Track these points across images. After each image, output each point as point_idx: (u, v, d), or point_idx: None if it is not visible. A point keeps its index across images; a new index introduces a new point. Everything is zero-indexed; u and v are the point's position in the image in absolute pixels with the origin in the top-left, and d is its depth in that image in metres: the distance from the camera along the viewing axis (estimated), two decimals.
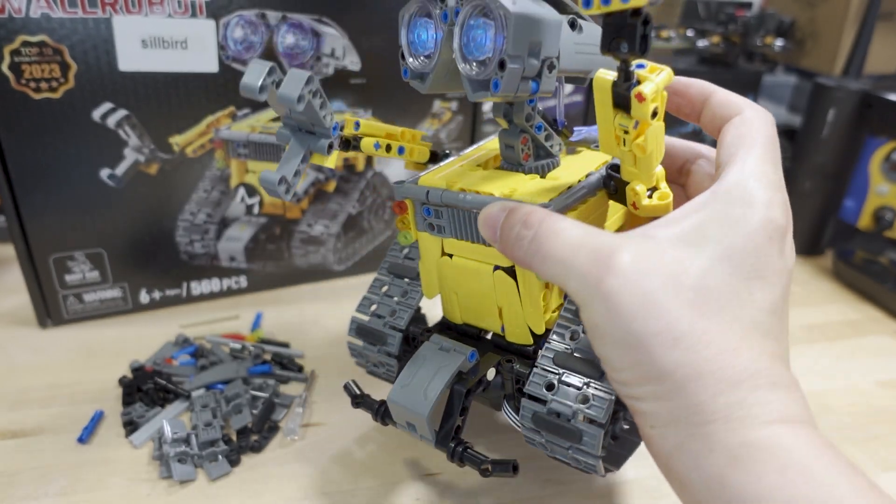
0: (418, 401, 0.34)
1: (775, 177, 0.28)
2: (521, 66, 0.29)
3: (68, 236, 0.54)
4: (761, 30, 0.82)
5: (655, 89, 0.27)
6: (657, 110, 0.27)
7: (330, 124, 0.33)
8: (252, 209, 0.60)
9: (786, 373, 0.25)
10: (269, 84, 0.31)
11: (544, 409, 0.32)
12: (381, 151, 0.38)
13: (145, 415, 0.45)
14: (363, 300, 0.42)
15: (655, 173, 0.30)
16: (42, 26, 0.47)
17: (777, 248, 0.27)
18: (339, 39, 0.56)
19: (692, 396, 0.24)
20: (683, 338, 0.25)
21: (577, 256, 0.27)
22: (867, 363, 0.57)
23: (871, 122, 0.69)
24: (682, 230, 0.27)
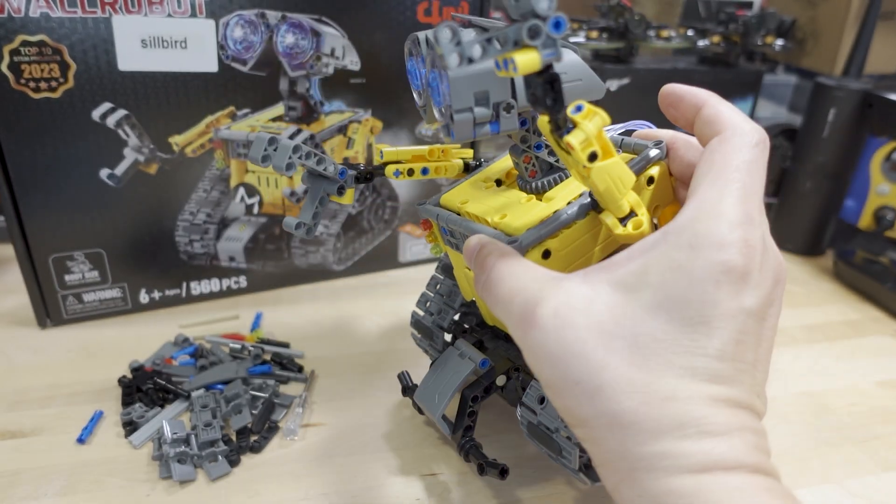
0: (432, 403, 0.39)
1: (738, 213, 0.26)
2: (469, 115, 0.30)
3: (68, 236, 0.54)
4: (762, 29, 0.82)
5: (584, 139, 0.27)
6: (596, 153, 0.28)
7: (334, 173, 0.37)
8: (252, 209, 0.60)
9: (732, 418, 0.24)
10: (271, 154, 0.36)
11: (535, 419, 0.34)
12: (403, 177, 0.40)
13: (145, 415, 0.45)
14: (421, 295, 0.46)
15: (626, 202, 0.30)
16: (41, 26, 0.47)
17: (728, 292, 0.25)
18: (338, 39, 0.56)
19: (616, 444, 0.24)
20: (604, 388, 0.24)
21: (511, 305, 0.27)
22: (867, 363, 0.57)
23: (872, 122, 0.69)
24: (621, 274, 0.26)
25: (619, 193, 0.30)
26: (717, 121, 0.29)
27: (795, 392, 0.52)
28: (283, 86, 0.56)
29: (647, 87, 0.77)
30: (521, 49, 0.24)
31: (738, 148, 0.27)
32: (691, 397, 0.24)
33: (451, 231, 0.38)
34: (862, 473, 0.44)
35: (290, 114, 0.57)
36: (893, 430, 0.48)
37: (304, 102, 0.57)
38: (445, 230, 0.38)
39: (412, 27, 0.58)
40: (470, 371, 0.39)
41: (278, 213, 0.61)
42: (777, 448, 0.46)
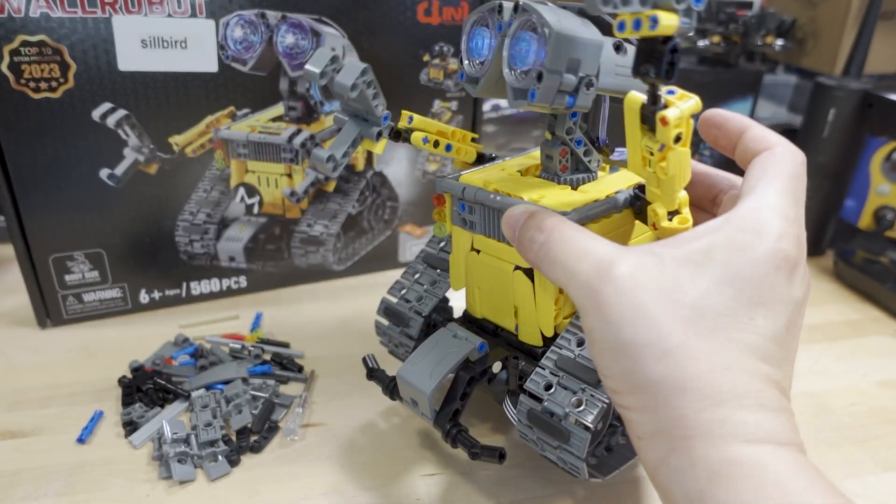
0: (423, 379, 0.37)
1: (792, 211, 0.28)
2: (558, 79, 0.31)
3: (68, 236, 0.54)
4: (762, 29, 0.82)
5: (679, 115, 0.28)
6: (681, 135, 0.28)
7: (381, 114, 0.37)
8: (252, 209, 0.60)
9: (779, 397, 0.25)
10: (329, 71, 0.35)
11: (540, 406, 0.33)
12: (430, 146, 0.40)
13: (145, 415, 0.45)
14: (395, 283, 0.45)
15: (678, 197, 0.31)
16: (41, 26, 0.47)
17: (784, 279, 0.27)
18: (338, 39, 0.56)
19: (676, 409, 0.25)
20: (672, 351, 0.25)
21: (579, 264, 0.28)
22: (867, 363, 0.56)
23: (872, 122, 0.69)
24: (688, 250, 0.27)
25: (678, 185, 0.31)
26: (767, 139, 0.31)
27: (795, 392, 0.52)
28: (283, 86, 0.56)
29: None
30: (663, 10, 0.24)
31: (789, 160, 0.30)
32: (749, 371, 0.25)
33: (472, 208, 0.37)
34: (862, 473, 0.44)
35: (290, 114, 0.57)
36: (893, 430, 0.48)
37: (304, 102, 0.57)
38: (464, 207, 0.38)
39: (412, 27, 0.58)
40: (467, 352, 0.37)
41: (278, 213, 0.61)
42: None
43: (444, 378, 0.37)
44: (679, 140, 0.28)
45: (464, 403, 0.38)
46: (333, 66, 0.35)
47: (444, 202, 0.40)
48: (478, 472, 0.42)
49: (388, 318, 0.45)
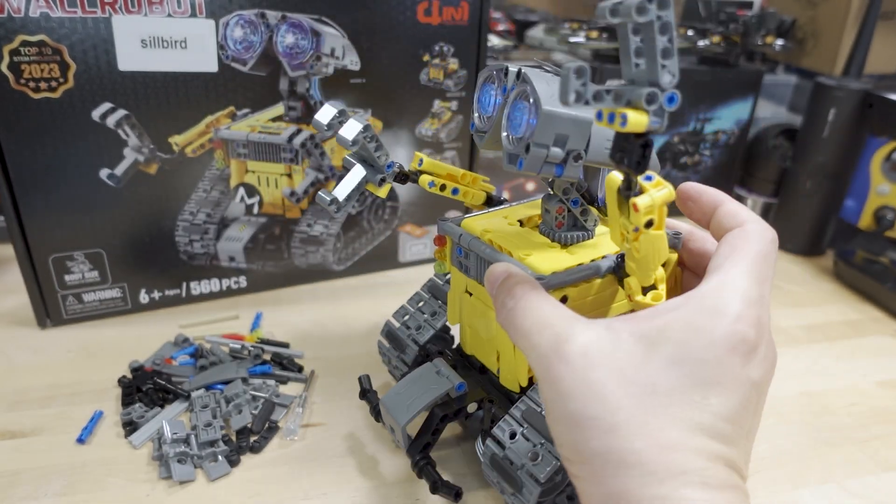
0: (401, 411, 0.39)
1: (755, 292, 0.28)
2: (544, 152, 0.32)
3: (68, 236, 0.54)
4: (762, 29, 0.82)
5: (650, 203, 0.29)
6: (653, 221, 0.29)
7: (384, 163, 0.40)
8: (251, 209, 0.60)
9: (728, 475, 0.26)
10: (335, 123, 0.39)
11: (502, 453, 0.35)
12: (436, 189, 0.42)
13: (145, 415, 0.45)
14: (400, 308, 0.48)
15: (654, 275, 0.32)
16: (41, 26, 0.47)
17: (740, 360, 0.27)
18: (338, 39, 0.56)
19: (620, 483, 0.25)
20: (619, 426, 0.25)
21: (538, 337, 0.29)
22: (867, 363, 0.57)
23: (872, 122, 0.69)
24: (646, 327, 0.28)
25: (654, 265, 0.32)
26: (738, 215, 0.32)
27: (795, 392, 0.52)
28: (283, 86, 0.56)
29: None
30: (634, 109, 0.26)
31: (758, 239, 0.31)
32: (696, 449, 0.25)
33: (468, 254, 0.39)
34: (862, 473, 0.44)
35: (290, 114, 0.57)
36: (893, 430, 0.48)
37: (304, 102, 0.57)
38: (461, 251, 0.39)
39: (412, 27, 0.58)
40: (446, 390, 0.39)
41: (278, 213, 0.61)
42: (777, 448, 0.46)
43: (419, 412, 0.39)
44: (651, 225, 0.29)
45: (435, 438, 0.39)
46: (340, 118, 0.39)
47: (444, 243, 0.41)
48: (478, 472, 0.42)
49: (389, 340, 0.47)
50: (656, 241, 0.31)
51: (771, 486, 0.42)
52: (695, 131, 0.81)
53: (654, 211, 0.29)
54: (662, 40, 0.25)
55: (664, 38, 0.25)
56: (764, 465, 0.44)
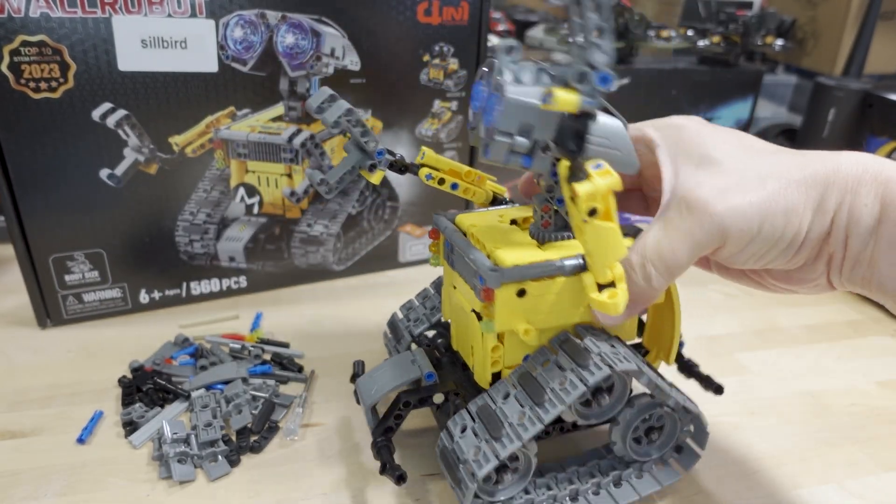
0: (368, 393, 0.40)
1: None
2: (508, 141, 0.32)
3: (68, 236, 0.54)
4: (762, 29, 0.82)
5: (591, 191, 0.29)
6: (596, 210, 0.30)
7: (373, 149, 0.40)
8: (252, 209, 0.60)
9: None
10: (325, 107, 0.39)
11: (451, 446, 0.36)
12: (433, 182, 0.42)
13: (145, 415, 0.45)
14: (407, 301, 0.48)
15: (612, 272, 0.32)
16: (41, 26, 0.47)
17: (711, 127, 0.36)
18: (338, 39, 0.56)
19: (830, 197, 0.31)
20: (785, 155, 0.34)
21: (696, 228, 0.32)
22: (867, 363, 0.57)
23: (872, 122, 0.69)
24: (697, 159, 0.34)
25: (605, 260, 0.32)
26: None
27: (795, 392, 0.52)
28: (284, 86, 0.56)
29: (647, 87, 0.77)
30: (567, 88, 0.26)
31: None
32: None
33: (452, 247, 0.39)
34: (862, 473, 0.44)
35: (290, 114, 0.57)
36: (893, 430, 0.48)
37: (303, 102, 0.57)
38: (448, 244, 0.40)
39: (412, 27, 0.58)
40: (414, 377, 0.40)
41: (278, 213, 0.61)
42: (777, 448, 0.46)
43: (384, 395, 0.40)
44: (594, 214, 0.30)
45: (398, 423, 0.39)
46: (330, 102, 0.39)
47: (438, 236, 0.41)
48: None
49: (391, 330, 0.48)
50: (603, 233, 0.31)
51: (771, 486, 0.42)
52: None
53: (596, 199, 0.29)
54: (594, 18, 0.26)
55: (597, 16, 0.26)
56: (764, 465, 0.44)
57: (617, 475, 0.40)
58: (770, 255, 0.33)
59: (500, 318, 0.35)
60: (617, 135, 0.33)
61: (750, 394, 0.51)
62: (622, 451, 0.39)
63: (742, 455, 0.45)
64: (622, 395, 0.38)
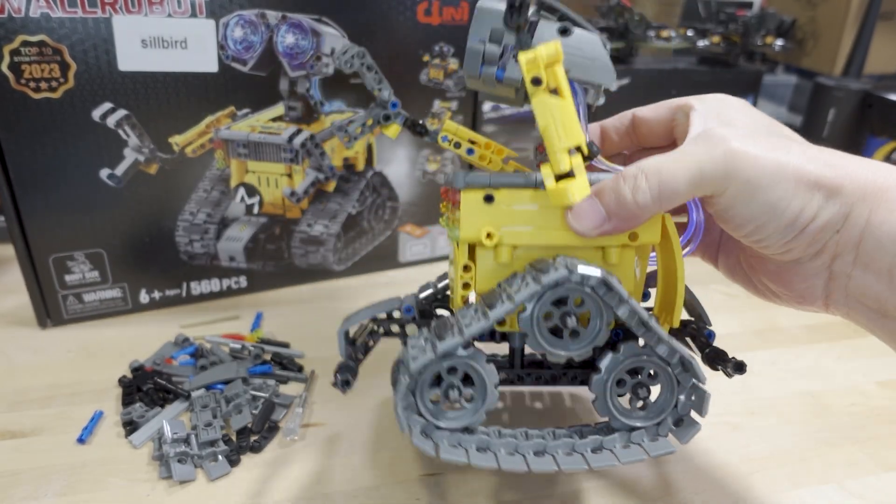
0: (345, 321, 0.39)
1: None
2: (480, 48, 0.33)
3: (68, 236, 0.54)
4: (761, 30, 0.82)
5: (532, 56, 0.29)
6: (540, 79, 0.29)
7: (386, 98, 0.41)
8: (252, 209, 0.60)
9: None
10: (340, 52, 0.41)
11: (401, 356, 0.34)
12: (448, 145, 0.42)
13: (145, 415, 0.45)
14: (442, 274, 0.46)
15: (565, 159, 0.31)
16: (42, 26, 0.47)
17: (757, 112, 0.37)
18: (338, 39, 0.56)
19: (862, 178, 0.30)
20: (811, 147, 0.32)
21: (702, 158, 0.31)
22: (867, 363, 0.57)
23: (872, 122, 0.69)
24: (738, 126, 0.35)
25: (558, 141, 0.31)
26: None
27: (795, 392, 0.52)
28: (284, 86, 0.56)
29: (647, 87, 0.77)
30: None
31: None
32: None
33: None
34: (862, 473, 0.44)
35: (290, 114, 0.57)
36: (893, 430, 0.48)
37: (304, 102, 0.57)
38: None
39: (412, 27, 0.58)
40: (392, 305, 0.39)
41: (278, 213, 0.61)
42: (777, 448, 0.46)
43: (353, 322, 0.39)
44: (538, 84, 0.29)
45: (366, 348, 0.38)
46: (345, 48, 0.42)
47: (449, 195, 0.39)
48: (477, 472, 0.42)
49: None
50: (550, 107, 0.30)
51: (771, 485, 0.42)
52: None
53: (539, 67, 0.29)
54: None
55: None
56: (764, 465, 0.44)
57: (598, 440, 0.35)
58: (768, 229, 0.31)
59: (466, 223, 0.34)
60: (591, 45, 0.33)
61: (750, 394, 0.51)
62: (605, 410, 0.35)
63: (742, 455, 0.45)
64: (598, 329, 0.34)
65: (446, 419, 0.34)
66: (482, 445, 0.34)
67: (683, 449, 0.45)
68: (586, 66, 0.33)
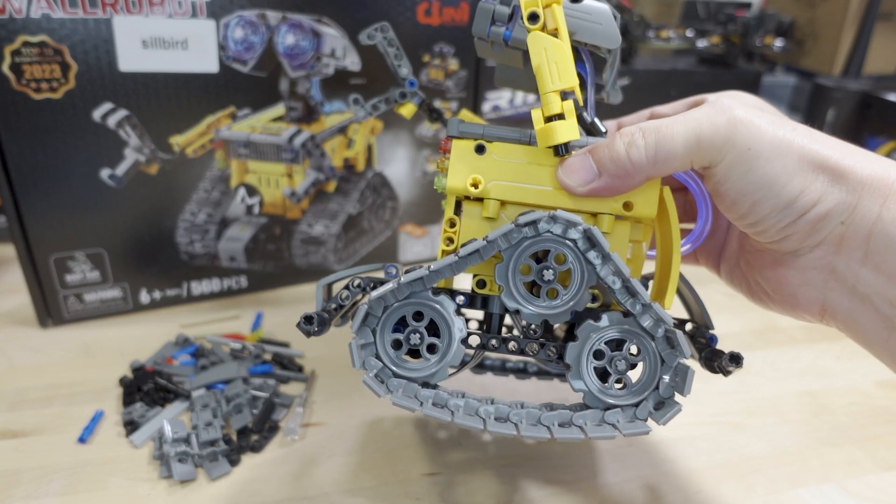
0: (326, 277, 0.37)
1: None
2: (490, 7, 0.33)
3: (69, 236, 0.54)
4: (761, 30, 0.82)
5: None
6: (537, 15, 0.30)
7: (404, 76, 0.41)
8: (252, 209, 0.60)
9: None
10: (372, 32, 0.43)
11: None
12: None
13: (146, 415, 0.45)
14: None
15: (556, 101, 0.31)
16: (42, 27, 0.47)
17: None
18: (339, 39, 0.56)
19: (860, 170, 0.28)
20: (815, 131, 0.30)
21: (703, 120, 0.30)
22: (867, 363, 0.57)
23: (871, 122, 0.69)
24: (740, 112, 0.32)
25: (550, 80, 0.31)
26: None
27: (795, 392, 0.52)
28: (284, 86, 0.56)
29: (647, 87, 0.77)
30: None
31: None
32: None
33: None
34: (862, 473, 0.44)
35: (290, 114, 0.57)
36: (893, 430, 0.48)
37: (304, 103, 0.57)
38: None
39: (412, 27, 0.58)
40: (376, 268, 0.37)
41: (278, 213, 0.61)
42: (777, 448, 0.46)
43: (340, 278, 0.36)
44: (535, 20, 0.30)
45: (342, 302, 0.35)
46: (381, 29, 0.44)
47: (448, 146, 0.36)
48: (478, 472, 0.42)
49: None
50: (545, 45, 0.30)
51: (771, 485, 0.42)
52: None
53: (536, 3, 0.30)
54: None
55: None
56: (764, 464, 0.44)
57: (567, 415, 0.32)
58: (764, 207, 0.30)
59: (454, 171, 0.33)
60: (599, 11, 0.34)
61: (749, 393, 0.51)
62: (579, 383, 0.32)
63: (742, 455, 0.45)
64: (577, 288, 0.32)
65: (405, 368, 0.32)
66: (439, 402, 0.32)
67: (683, 448, 0.45)
68: (594, 30, 0.33)
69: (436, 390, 0.33)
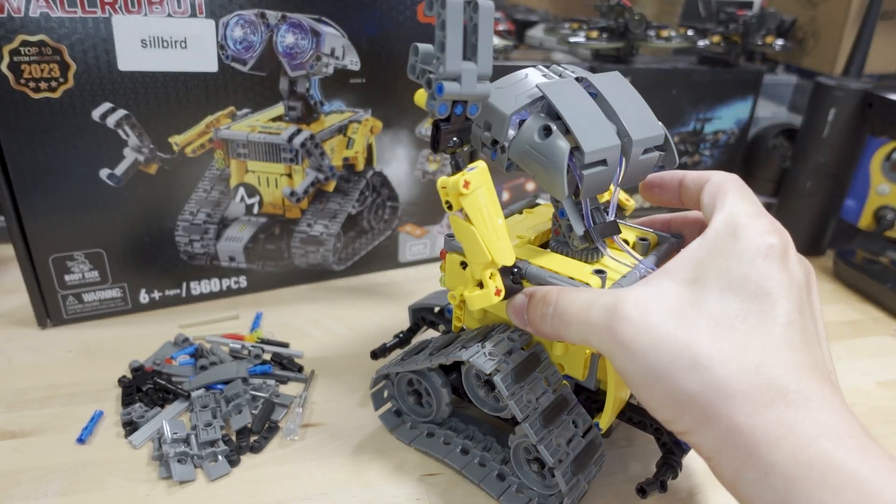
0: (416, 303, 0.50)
1: (755, 209, 0.31)
2: (479, 132, 0.36)
3: (68, 236, 0.54)
4: (762, 29, 0.82)
5: (442, 181, 0.31)
6: (451, 204, 0.32)
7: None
8: (252, 209, 0.60)
9: (819, 385, 0.25)
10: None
11: None
12: None
13: (145, 415, 0.45)
14: None
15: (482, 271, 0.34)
16: (41, 26, 0.47)
17: (778, 265, 0.28)
18: (338, 39, 0.56)
19: (727, 418, 0.25)
20: (699, 360, 0.26)
21: (591, 314, 0.29)
22: (867, 363, 0.57)
23: (872, 122, 0.69)
24: (681, 273, 0.29)
25: (467, 256, 0.34)
26: (703, 175, 0.35)
27: None
28: (283, 86, 0.56)
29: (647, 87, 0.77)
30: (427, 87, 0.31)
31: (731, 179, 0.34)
32: (779, 363, 0.25)
33: None
34: None
35: (290, 114, 0.57)
36: (893, 430, 0.48)
37: (304, 102, 0.57)
38: None
39: (412, 27, 0.58)
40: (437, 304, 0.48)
41: (278, 213, 0.61)
42: None
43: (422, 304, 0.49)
44: (449, 207, 0.32)
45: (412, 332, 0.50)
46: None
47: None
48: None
49: None
50: (459, 229, 0.33)
51: None
52: (695, 131, 0.81)
53: (448, 193, 0.31)
54: (439, 34, 0.29)
55: (441, 32, 0.29)
56: None
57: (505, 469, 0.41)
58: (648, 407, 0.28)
59: (449, 282, 0.40)
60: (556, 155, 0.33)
61: None
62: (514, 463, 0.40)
63: None
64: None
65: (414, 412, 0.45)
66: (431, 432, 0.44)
67: None
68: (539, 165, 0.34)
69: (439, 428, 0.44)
